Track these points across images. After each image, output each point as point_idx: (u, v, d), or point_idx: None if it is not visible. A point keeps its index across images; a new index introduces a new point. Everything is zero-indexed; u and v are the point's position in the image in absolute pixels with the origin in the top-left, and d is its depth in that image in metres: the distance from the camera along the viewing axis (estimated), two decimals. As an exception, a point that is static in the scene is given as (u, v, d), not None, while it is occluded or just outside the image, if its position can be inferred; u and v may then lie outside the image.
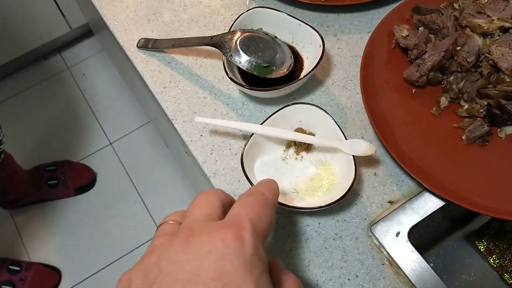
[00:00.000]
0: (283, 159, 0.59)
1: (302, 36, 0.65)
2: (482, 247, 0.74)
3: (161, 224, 0.37)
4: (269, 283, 0.31)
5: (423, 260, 0.53)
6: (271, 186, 0.39)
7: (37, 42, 1.82)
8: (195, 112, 0.65)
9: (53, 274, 1.49)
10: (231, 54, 0.61)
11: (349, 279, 0.53)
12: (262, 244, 0.32)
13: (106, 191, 1.66)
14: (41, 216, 1.61)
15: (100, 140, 1.76)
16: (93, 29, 1.82)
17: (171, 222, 0.36)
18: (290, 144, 0.60)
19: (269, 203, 0.36)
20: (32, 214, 1.62)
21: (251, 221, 0.32)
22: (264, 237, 0.33)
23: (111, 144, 1.75)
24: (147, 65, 0.69)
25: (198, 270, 0.29)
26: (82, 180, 1.64)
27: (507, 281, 0.71)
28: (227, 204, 0.36)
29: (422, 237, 0.65)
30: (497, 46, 0.57)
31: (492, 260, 0.73)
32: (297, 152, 0.59)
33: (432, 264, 0.74)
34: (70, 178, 1.62)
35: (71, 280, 1.51)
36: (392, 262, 0.54)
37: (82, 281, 1.50)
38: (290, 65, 0.63)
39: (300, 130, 0.60)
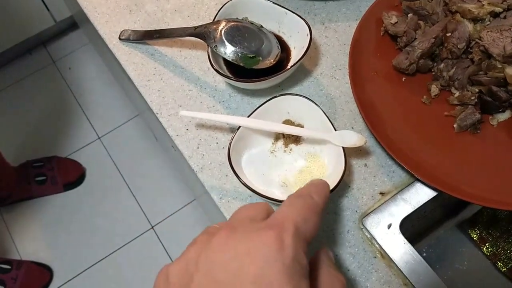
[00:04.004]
0: (272, 152, 0.58)
1: (289, 25, 0.63)
2: (475, 235, 0.73)
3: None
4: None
5: (416, 252, 0.52)
6: (322, 189, 0.37)
7: (22, 36, 1.79)
8: (180, 106, 0.63)
9: (45, 272, 1.48)
10: (216, 45, 0.59)
11: (341, 273, 0.52)
12: (303, 248, 0.31)
13: (96, 186, 1.64)
14: (31, 213, 1.59)
15: (88, 135, 1.74)
16: (78, 21, 1.79)
17: (216, 225, 0.35)
18: (278, 136, 0.58)
19: (317, 208, 0.34)
20: (21, 212, 1.60)
21: (295, 223, 0.31)
22: (306, 241, 0.32)
23: (99, 138, 1.73)
24: (129, 58, 0.67)
25: (238, 272, 0.29)
26: (71, 175, 1.62)
27: (501, 269, 0.71)
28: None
29: (414, 227, 0.65)
30: (487, 31, 0.55)
31: (485, 249, 0.72)
32: (286, 145, 0.58)
33: (424, 254, 0.73)
34: (59, 174, 1.60)
35: (62, 277, 1.49)
36: (384, 255, 0.53)
37: (74, 277, 1.49)
38: (277, 55, 0.61)
39: (288, 122, 0.58)
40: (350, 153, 0.58)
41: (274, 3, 0.63)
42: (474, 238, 0.73)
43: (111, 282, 1.47)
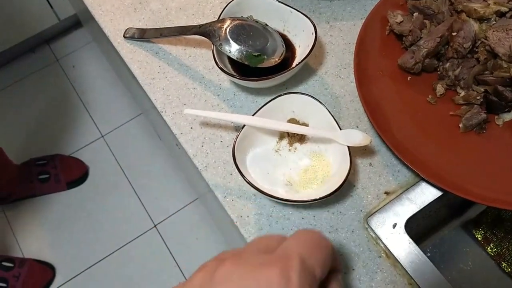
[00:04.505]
0: (276, 151, 0.57)
1: (294, 23, 0.63)
2: (480, 235, 0.73)
3: None
4: None
5: (421, 252, 0.52)
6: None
7: (25, 35, 1.79)
8: (184, 104, 0.63)
9: (47, 270, 1.48)
10: (220, 43, 0.59)
11: (345, 273, 0.51)
12: (310, 283, 0.30)
13: (99, 185, 1.63)
14: (33, 211, 1.59)
15: (91, 133, 1.74)
16: (82, 20, 1.79)
17: (229, 251, 0.34)
18: (283, 135, 0.58)
19: (326, 246, 0.33)
20: (24, 210, 1.59)
21: (301, 257, 0.30)
22: (314, 277, 0.31)
23: (103, 136, 1.73)
24: (134, 56, 0.67)
25: None
26: (74, 174, 1.61)
27: (505, 269, 0.71)
28: None
29: (419, 227, 0.64)
30: (493, 31, 0.55)
31: (490, 249, 0.72)
32: (291, 144, 0.58)
33: (429, 254, 0.73)
34: (62, 172, 1.59)
35: (64, 275, 1.49)
36: (389, 255, 0.52)
37: (76, 275, 1.48)
38: (281, 54, 0.61)
39: (293, 120, 0.58)
40: (355, 152, 0.57)
41: (279, 1, 0.63)
42: (479, 238, 0.73)
43: (113, 281, 1.47)
